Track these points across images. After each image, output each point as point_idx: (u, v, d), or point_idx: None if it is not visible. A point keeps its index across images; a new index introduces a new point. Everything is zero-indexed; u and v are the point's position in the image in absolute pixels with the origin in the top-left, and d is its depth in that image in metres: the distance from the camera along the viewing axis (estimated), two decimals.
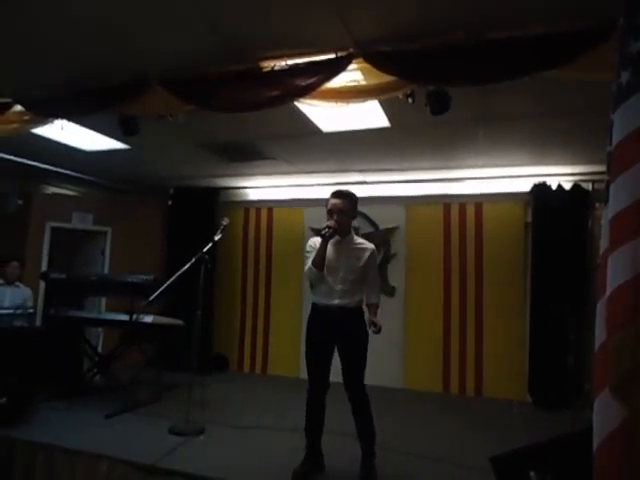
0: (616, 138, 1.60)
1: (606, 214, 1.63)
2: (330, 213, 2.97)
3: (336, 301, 2.93)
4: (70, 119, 3.73)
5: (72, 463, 3.14)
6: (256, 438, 3.60)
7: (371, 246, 3.06)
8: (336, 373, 2.96)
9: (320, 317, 2.98)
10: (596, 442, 1.54)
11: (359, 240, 3.09)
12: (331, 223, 2.88)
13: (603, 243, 1.62)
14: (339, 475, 2.96)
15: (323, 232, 2.85)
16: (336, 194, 3.01)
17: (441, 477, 3.02)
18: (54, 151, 4.75)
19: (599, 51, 2.22)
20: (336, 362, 2.98)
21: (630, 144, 1.56)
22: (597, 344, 1.59)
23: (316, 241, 2.99)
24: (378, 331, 2.87)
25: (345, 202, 2.98)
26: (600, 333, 1.58)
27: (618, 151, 1.59)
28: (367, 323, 2.94)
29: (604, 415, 1.53)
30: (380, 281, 3.23)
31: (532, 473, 2.14)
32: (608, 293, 1.54)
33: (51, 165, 5.41)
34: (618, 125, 1.60)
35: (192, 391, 3.71)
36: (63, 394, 4.38)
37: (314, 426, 2.99)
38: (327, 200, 3.02)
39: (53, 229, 5.69)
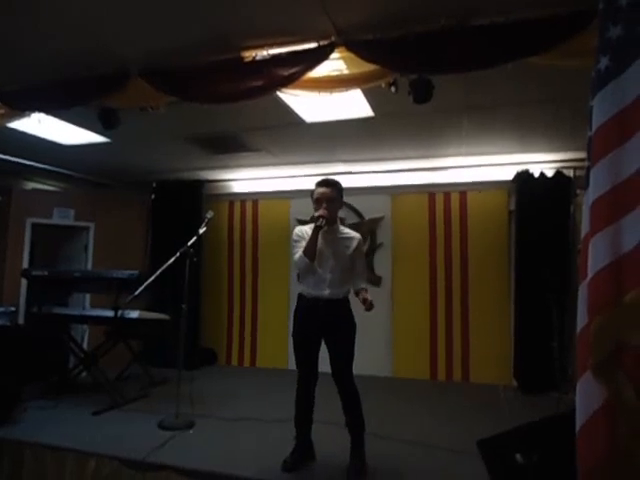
0: (595, 124, 1.62)
1: (586, 199, 1.65)
2: (318, 202, 2.93)
3: (326, 292, 2.91)
4: (48, 112, 3.64)
5: (60, 461, 3.11)
6: (246, 430, 3.60)
7: (357, 235, 3.08)
8: (326, 363, 2.95)
9: (307, 309, 2.97)
10: (579, 423, 1.58)
11: (345, 230, 3.11)
12: (323, 212, 2.85)
13: (584, 228, 1.65)
14: (329, 464, 2.98)
15: (318, 223, 2.82)
16: (324, 183, 3.00)
17: (431, 462, 3.06)
18: (32, 146, 4.64)
19: (583, 37, 2.22)
20: (323, 353, 2.97)
21: (609, 130, 1.57)
22: (579, 327, 1.62)
23: (303, 230, 2.98)
24: (370, 307, 2.80)
25: (333, 191, 2.97)
26: (582, 316, 1.61)
27: (597, 137, 1.61)
28: (352, 313, 2.95)
29: (586, 396, 1.56)
30: (367, 270, 3.14)
31: (518, 455, 2.19)
32: (589, 277, 1.57)
33: (30, 160, 5.28)
34: (597, 111, 1.62)
35: (180, 385, 3.70)
36: (49, 392, 4.33)
37: (303, 418, 3.01)
38: (312, 190, 3.00)
39: (34, 225, 5.57)
